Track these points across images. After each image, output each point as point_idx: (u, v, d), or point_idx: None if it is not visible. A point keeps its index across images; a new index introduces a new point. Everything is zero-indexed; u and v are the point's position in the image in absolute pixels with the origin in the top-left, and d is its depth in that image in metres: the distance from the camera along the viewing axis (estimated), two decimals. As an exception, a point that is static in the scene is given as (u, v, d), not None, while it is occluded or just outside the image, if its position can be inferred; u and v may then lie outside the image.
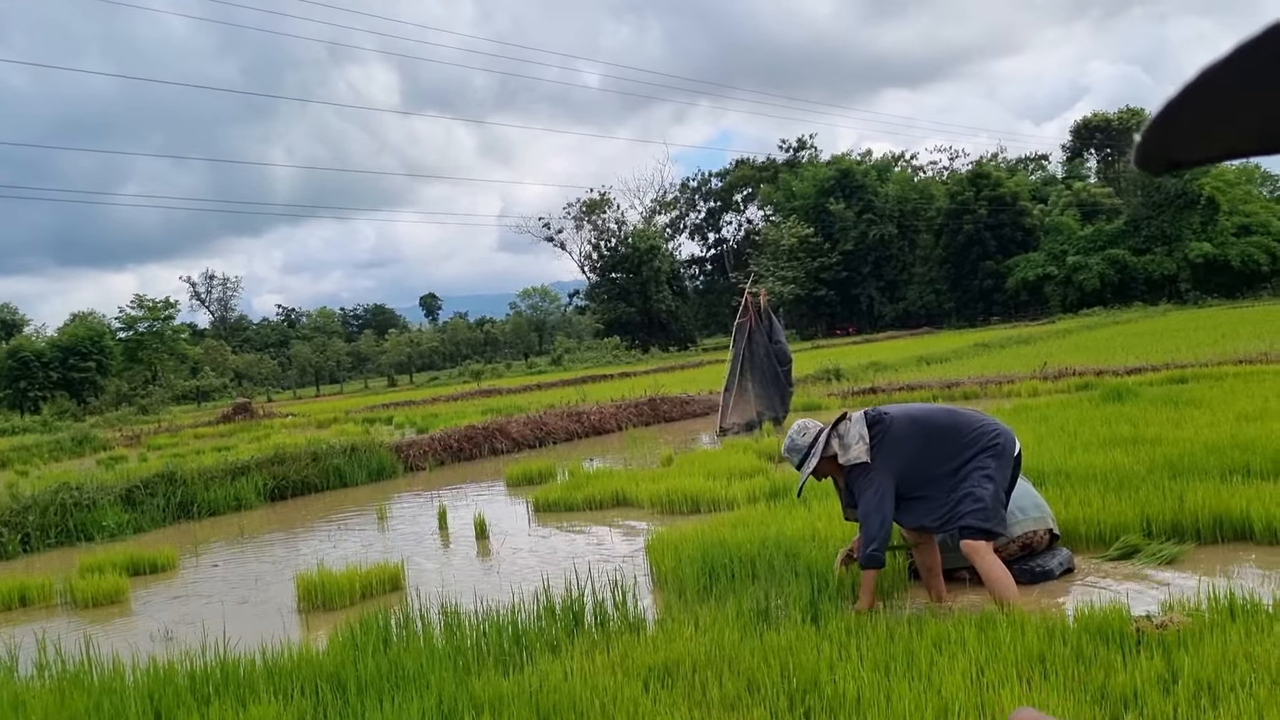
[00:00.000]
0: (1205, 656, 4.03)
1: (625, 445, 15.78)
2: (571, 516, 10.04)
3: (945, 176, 78.15)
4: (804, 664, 4.37)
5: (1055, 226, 63.20)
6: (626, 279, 75.35)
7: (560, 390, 31.67)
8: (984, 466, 5.16)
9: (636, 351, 68.46)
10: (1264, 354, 16.74)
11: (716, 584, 6.04)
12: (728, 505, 9.18)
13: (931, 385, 18.38)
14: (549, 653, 5.01)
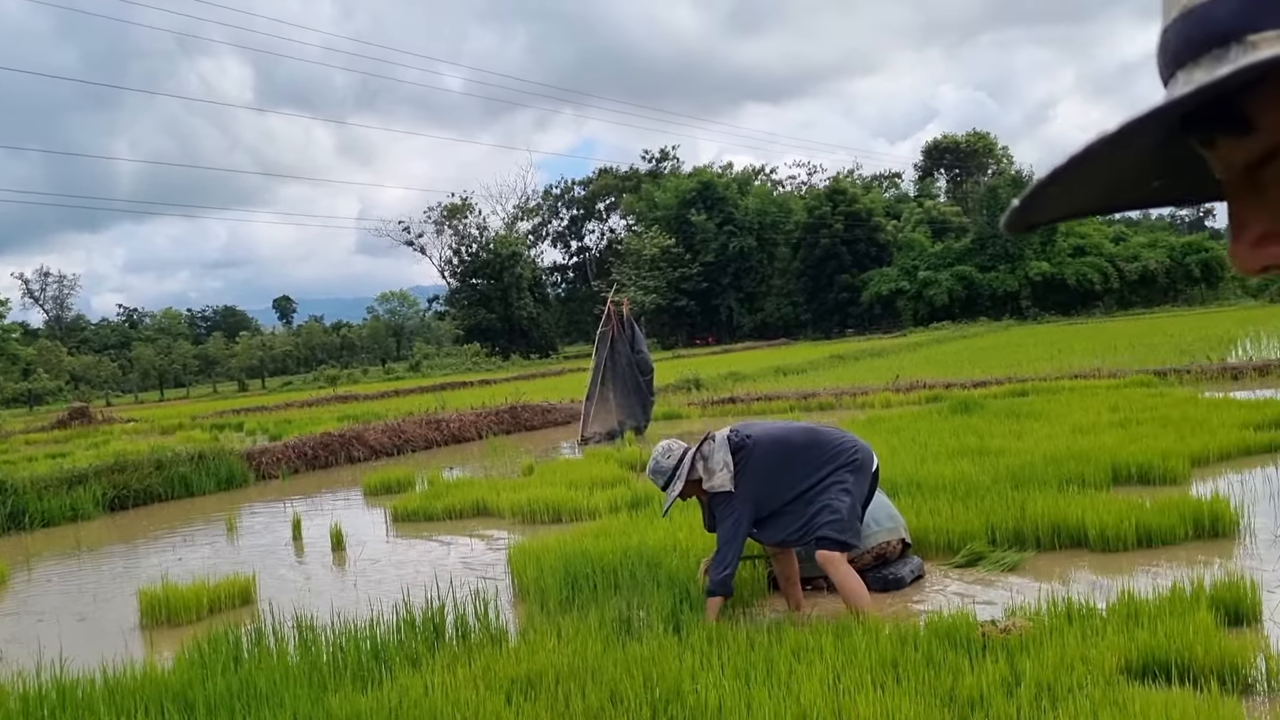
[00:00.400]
0: (1045, 659, 4.23)
1: (486, 454, 15.64)
2: (431, 526, 9.89)
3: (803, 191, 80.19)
4: (666, 674, 4.40)
5: (907, 243, 65.53)
6: (488, 285, 74.74)
7: (419, 397, 31.19)
8: (842, 481, 5.31)
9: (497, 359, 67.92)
10: (1096, 369, 17.69)
11: (579, 594, 6.03)
12: (590, 515, 9.18)
13: (789, 396, 18.79)
14: (409, 666, 4.91)
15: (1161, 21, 0.55)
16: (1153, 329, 31.90)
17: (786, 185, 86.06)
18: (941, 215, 68.93)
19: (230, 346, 79.97)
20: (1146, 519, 6.49)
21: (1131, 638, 4.44)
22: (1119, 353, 21.78)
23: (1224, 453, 8.97)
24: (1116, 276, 58.19)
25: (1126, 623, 4.65)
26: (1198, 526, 6.48)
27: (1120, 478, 8.14)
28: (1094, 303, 58.31)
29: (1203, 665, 4.18)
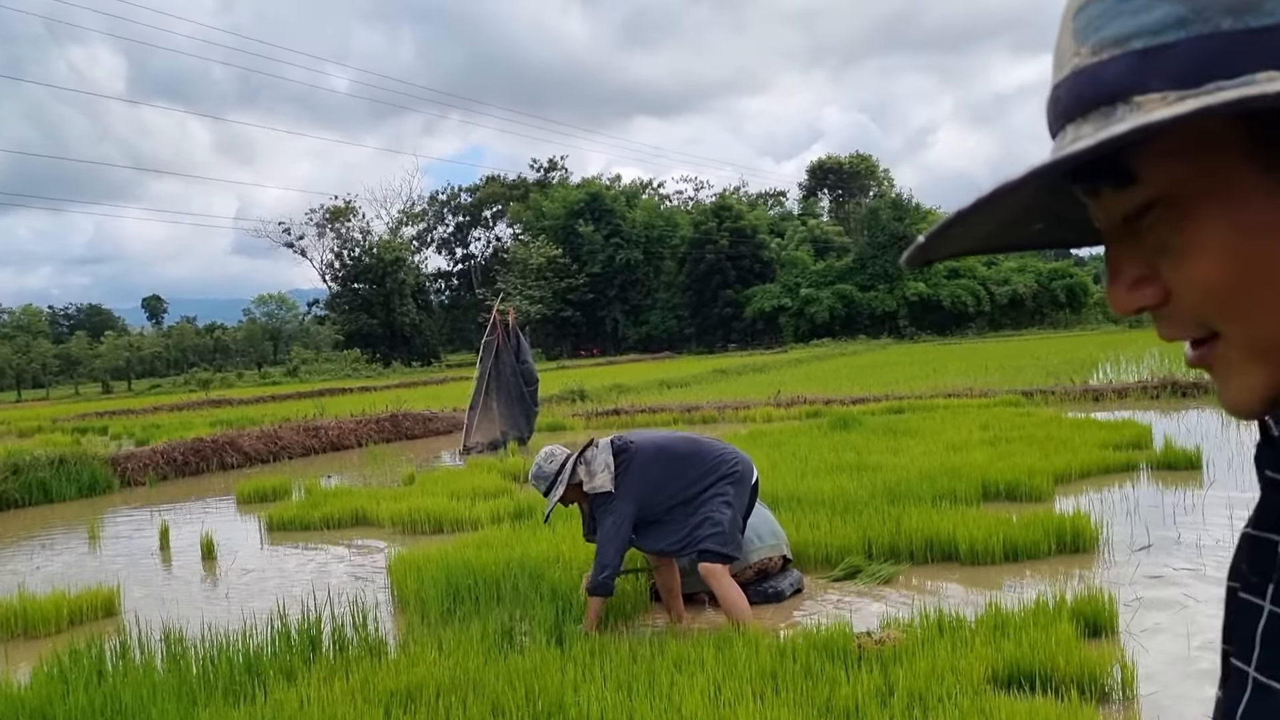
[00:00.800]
0: (918, 670, 4.36)
1: (365, 462, 15.36)
2: (308, 536, 9.66)
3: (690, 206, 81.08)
4: (549, 686, 4.39)
5: (790, 260, 66.80)
6: (370, 290, 73.46)
7: (297, 403, 30.45)
8: (723, 493, 5.39)
9: (378, 365, 66.79)
10: (969, 388, 18.31)
11: (461, 606, 5.97)
12: (472, 525, 9.10)
13: (672, 409, 18.94)
14: (284, 680, 4.79)
15: (1053, 78, 0.59)
16: (1021, 351, 33.17)
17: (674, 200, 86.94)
18: (824, 234, 70.51)
19: (94, 346, 76.75)
20: (1013, 534, 6.75)
21: (998, 648, 4.61)
22: (989, 373, 22.58)
23: (1085, 471, 9.38)
24: (988, 299, 60.37)
25: (994, 634, 4.83)
26: (1060, 541, 6.76)
27: (989, 494, 8.44)
28: (967, 324, 60.34)
29: (1064, 675, 4.37)
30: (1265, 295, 0.54)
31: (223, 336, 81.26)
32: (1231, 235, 0.54)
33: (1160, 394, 16.30)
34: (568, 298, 72.17)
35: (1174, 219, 0.56)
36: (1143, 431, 11.11)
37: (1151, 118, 0.49)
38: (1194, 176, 0.55)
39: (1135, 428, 11.36)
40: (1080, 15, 0.57)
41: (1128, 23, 0.54)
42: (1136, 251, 0.59)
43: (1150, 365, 19.78)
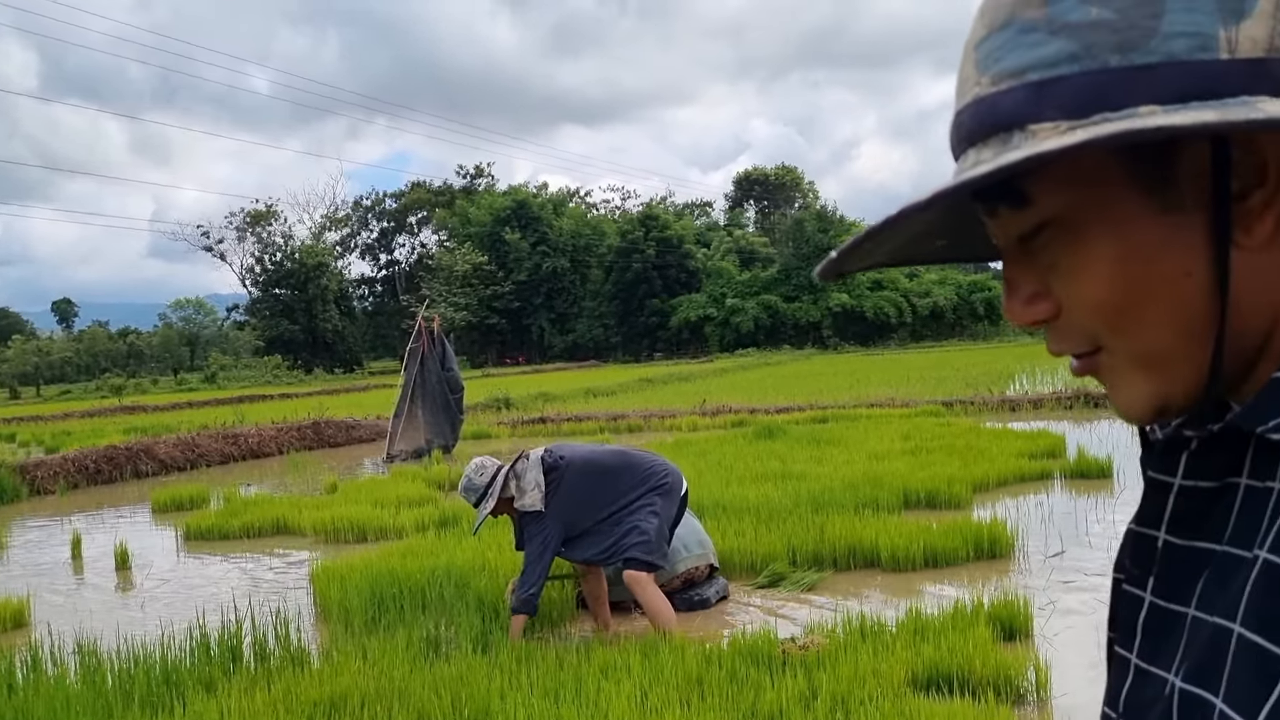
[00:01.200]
0: (840, 674, 4.44)
1: (286, 470, 15.12)
2: (227, 545, 9.48)
3: (617, 215, 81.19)
4: (475, 694, 4.38)
5: (716, 270, 67.23)
6: (291, 295, 72.20)
7: (215, 409, 29.81)
8: (651, 503, 5.43)
9: (299, 372, 65.66)
10: (891, 398, 18.63)
11: (385, 615, 5.92)
12: (396, 534, 9.02)
13: (599, 417, 18.96)
14: (203, 691, 4.70)
15: (956, 104, 0.63)
16: (942, 362, 33.83)
17: (601, 208, 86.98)
18: (750, 245, 71.11)
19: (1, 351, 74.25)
20: (933, 541, 6.90)
21: (918, 652, 4.71)
22: (911, 383, 22.99)
23: (1002, 479, 9.62)
24: (910, 311, 61.40)
25: (914, 638, 4.93)
26: (978, 548, 6.93)
27: (910, 502, 8.61)
28: (889, 335, 61.28)
29: (981, 677, 4.48)
30: (1148, 312, 0.59)
31: (137, 341, 79.14)
32: (1117, 256, 0.59)
33: (1074, 405, 16.75)
34: (493, 305, 71.72)
35: (1065, 240, 0.60)
36: (1057, 441, 11.42)
37: (1041, 148, 0.54)
38: (1083, 201, 0.59)
39: (1050, 437, 11.66)
40: (981, 47, 0.61)
41: (1024, 56, 0.58)
42: (1031, 269, 0.63)
43: (1064, 377, 20.28)
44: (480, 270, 70.47)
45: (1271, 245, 0.57)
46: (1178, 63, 0.55)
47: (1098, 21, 0.57)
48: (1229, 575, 0.59)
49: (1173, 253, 0.58)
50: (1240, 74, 0.54)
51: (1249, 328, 0.59)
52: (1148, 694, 0.64)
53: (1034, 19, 0.59)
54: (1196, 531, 0.63)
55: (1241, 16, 0.55)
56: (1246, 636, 0.55)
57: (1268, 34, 0.55)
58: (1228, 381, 0.61)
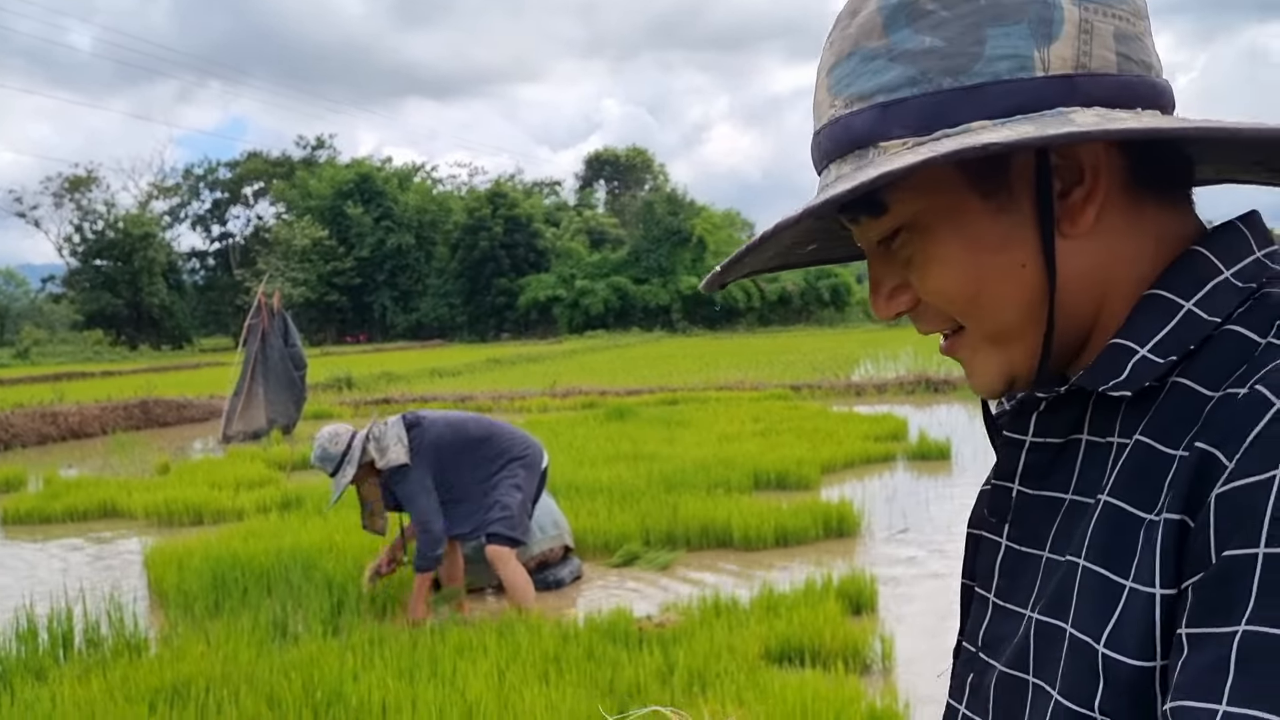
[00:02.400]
0: (696, 649, 4.51)
1: (111, 451, 14.34)
2: (50, 529, 8.94)
3: (464, 192, 79.92)
4: (327, 676, 4.27)
5: (566, 251, 67.06)
6: (114, 267, 68.43)
7: (29, 387, 28.06)
8: (514, 475, 5.39)
9: (123, 348, 62.37)
10: (740, 381, 18.99)
11: (228, 599, 5.71)
12: (236, 516, 8.68)
13: (445, 398, 18.68)
14: (32, 680, 4.42)
15: (814, 124, 0.71)
16: (789, 346, 34.66)
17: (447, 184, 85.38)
18: (600, 226, 71.17)
19: None
20: (784, 520, 7.07)
21: (771, 627, 4.83)
22: (760, 367, 23.46)
23: (848, 461, 9.94)
24: (759, 295, 62.60)
25: (767, 614, 5.05)
26: (827, 527, 7.15)
27: (761, 483, 8.79)
28: (738, 319, 62.36)
29: (831, 649, 4.63)
30: (994, 298, 0.68)
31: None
32: (962, 251, 0.68)
33: (916, 389, 17.43)
34: (333, 281, 69.67)
35: (919, 240, 0.69)
36: (900, 425, 11.86)
37: (889, 167, 0.61)
38: (931, 206, 0.68)
39: (893, 421, 12.11)
40: (833, 73, 0.69)
41: (870, 81, 0.67)
42: (892, 266, 0.72)
43: (907, 362, 21.09)
44: (320, 245, 68.34)
45: (1093, 234, 0.67)
46: (1001, 82, 0.64)
47: (930, 49, 0.65)
48: (1076, 519, 0.67)
49: (1010, 246, 0.67)
50: (1055, 89, 0.63)
51: (1080, 306, 0.68)
52: (1006, 628, 0.72)
53: (875, 48, 0.67)
54: (1046, 481, 0.72)
55: (1051, 40, 0.64)
56: (1090, 568, 0.63)
57: (1074, 54, 0.64)
58: (1067, 353, 0.70)
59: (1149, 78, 0.66)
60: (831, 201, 0.64)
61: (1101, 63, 0.64)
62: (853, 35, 0.68)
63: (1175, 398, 0.63)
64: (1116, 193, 0.67)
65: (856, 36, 0.68)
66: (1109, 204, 0.67)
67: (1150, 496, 0.61)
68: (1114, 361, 0.66)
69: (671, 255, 62.76)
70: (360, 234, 69.78)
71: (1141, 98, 0.65)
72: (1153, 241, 0.68)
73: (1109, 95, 0.64)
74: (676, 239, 62.91)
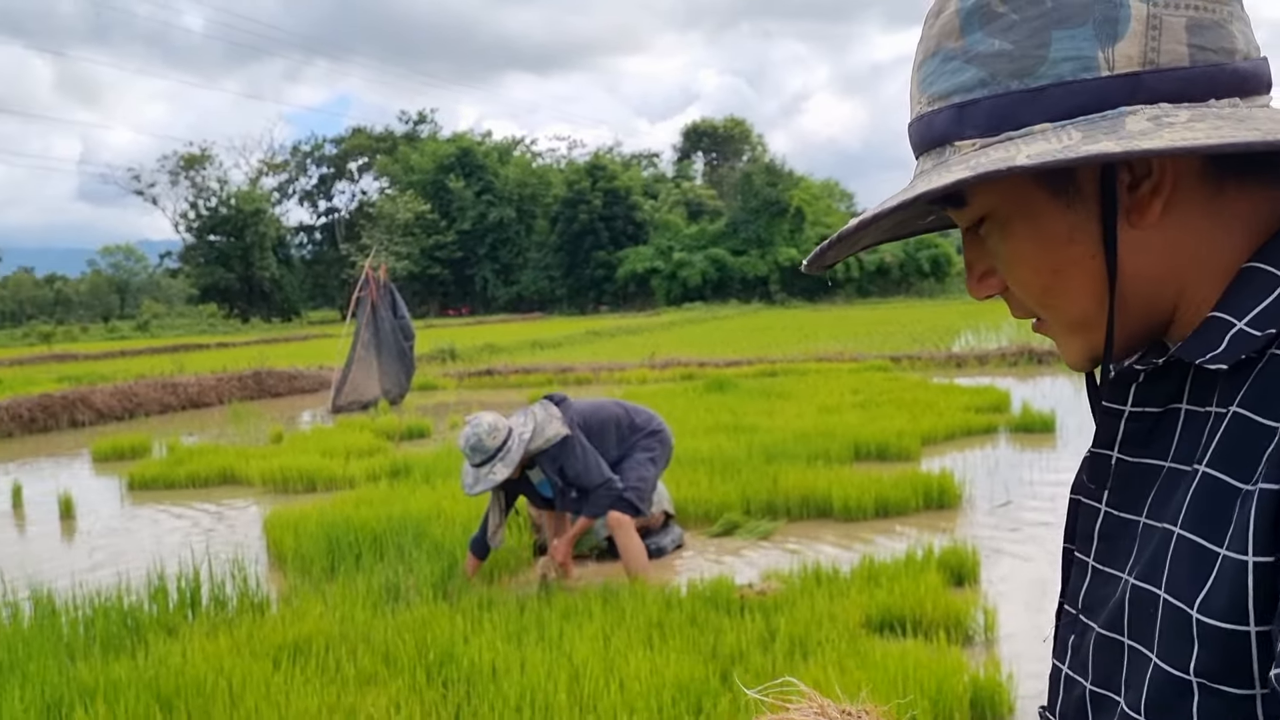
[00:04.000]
0: (797, 617, 4.56)
1: (228, 420, 14.92)
2: (174, 495, 9.37)
3: (563, 165, 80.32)
4: (438, 638, 4.43)
5: (664, 223, 67.03)
6: (227, 243, 70.75)
7: (150, 358, 29.31)
8: (650, 449, 5.57)
9: (235, 321, 64.53)
10: (840, 353, 18.86)
11: (343, 562, 5.93)
12: (347, 484, 8.98)
13: (546, 369, 18.95)
14: (165, 635, 4.69)
15: (909, 116, 0.75)
16: (888, 318, 34.22)
17: (546, 157, 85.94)
18: (697, 198, 70.91)
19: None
20: (884, 491, 7.05)
21: (872, 597, 4.85)
22: (859, 338, 23.26)
23: (949, 433, 9.83)
24: (858, 266, 61.73)
25: (867, 583, 5.07)
26: (928, 498, 7.10)
27: (861, 454, 8.76)
28: (836, 290, 61.70)
29: (932, 620, 4.63)
30: (1067, 289, 0.72)
31: (64, 288, 77.19)
32: (1033, 244, 0.71)
33: (1018, 361, 17.09)
34: (436, 255, 70.86)
35: (998, 231, 0.73)
36: (1002, 396, 11.66)
37: (958, 171, 0.66)
38: (1005, 201, 0.71)
39: (995, 393, 11.91)
40: (920, 70, 0.74)
41: (948, 81, 0.71)
42: (981, 251, 0.76)
43: (1009, 333, 20.66)
44: (423, 219, 69.54)
45: (1167, 222, 0.69)
46: (1064, 84, 0.66)
47: (1000, 52, 0.68)
48: (1173, 487, 0.70)
49: (1079, 239, 0.70)
50: (1118, 88, 0.66)
51: (1158, 290, 0.71)
52: (1104, 591, 0.75)
53: (953, 49, 0.71)
54: (1144, 449, 0.75)
55: (1116, 39, 0.66)
56: (1185, 535, 0.66)
57: (1141, 51, 0.66)
58: (1149, 333, 0.73)
59: (1231, 64, 0.67)
60: (908, 201, 0.68)
61: (1171, 57, 0.66)
62: (935, 36, 0.72)
63: (1273, 370, 0.65)
64: (1193, 179, 0.68)
65: (938, 37, 0.72)
66: (1184, 192, 0.68)
67: (1247, 467, 0.63)
68: (1212, 334, 0.68)
69: (770, 226, 62.27)
70: (462, 208, 70.72)
71: (1218, 87, 0.66)
72: (1237, 220, 0.69)
73: (1177, 89, 0.66)
74: (775, 210, 62.35)
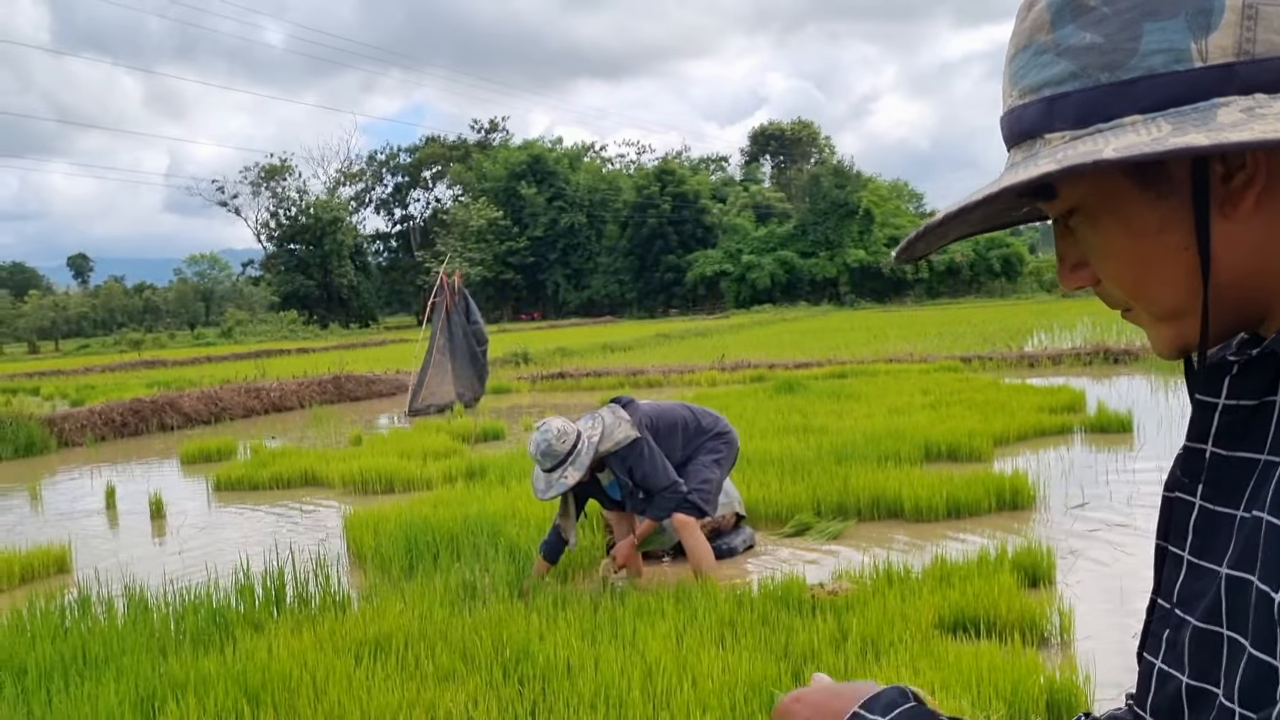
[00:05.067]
0: (869, 617, 4.56)
1: (309, 423, 15.29)
2: (258, 496, 9.65)
3: (633, 170, 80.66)
4: (514, 635, 4.52)
5: (732, 226, 66.96)
6: (306, 251, 72.35)
7: (234, 364, 30.06)
8: (716, 451, 5.61)
9: (315, 327, 65.88)
10: (909, 354, 18.68)
11: (420, 562, 6.07)
12: (424, 485, 9.16)
13: (617, 372, 19.06)
14: (251, 631, 4.86)
15: (1002, 108, 0.77)
16: (959, 318, 33.77)
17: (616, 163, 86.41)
18: (766, 200, 70.69)
19: (18, 306, 74.76)
20: (955, 492, 7.00)
21: (944, 597, 4.83)
22: (928, 339, 23.01)
23: (1022, 433, 9.70)
24: (927, 267, 61.04)
25: (939, 584, 5.05)
26: (1000, 499, 7.03)
27: (931, 455, 8.70)
28: (906, 291, 61.03)
29: (1006, 621, 4.60)
30: (1158, 280, 0.72)
31: (153, 297, 79.51)
32: (1123, 236, 0.72)
33: (1093, 360, 16.77)
34: (508, 260, 71.66)
35: (1088, 223, 0.74)
36: (1077, 396, 11.47)
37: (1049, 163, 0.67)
38: (1094, 193, 0.72)
39: (1069, 393, 11.72)
40: (1012, 64, 0.75)
41: (1039, 75, 0.72)
42: (1072, 242, 0.77)
43: (1083, 333, 20.30)
44: (495, 225, 70.35)
45: (1257, 216, 0.68)
46: (1155, 76, 0.66)
47: (1091, 45, 0.69)
48: (1267, 479, 0.69)
49: (1169, 230, 0.70)
50: (1210, 79, 0.65)
51: (1254, 280, 0.70)
52: (1200, 585, 0.75)
53: (1044, 42, 0.71)
54: (1239, 442, 0.74)
55: (1209, 30, 0.66)
56: (1275, 523, 0.65)
57: (1235, 41, 0.65)
58: (1242, 324, 0.73)
59: None
60: (994, 194, 0.69)
61: (1267, 47, 0.65)
62: (1027, 29, 0.73)
63: None
64: None
65: (1030, 30, 0.73)
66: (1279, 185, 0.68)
67: None
68: None
69: (838, 228, 61.86)
70: (533, 214, 71.42)
71: None
72: None
73: (1273, 80, 0.65)
74: (843, 211, 61.93)
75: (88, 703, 3.90)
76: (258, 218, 79.00)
